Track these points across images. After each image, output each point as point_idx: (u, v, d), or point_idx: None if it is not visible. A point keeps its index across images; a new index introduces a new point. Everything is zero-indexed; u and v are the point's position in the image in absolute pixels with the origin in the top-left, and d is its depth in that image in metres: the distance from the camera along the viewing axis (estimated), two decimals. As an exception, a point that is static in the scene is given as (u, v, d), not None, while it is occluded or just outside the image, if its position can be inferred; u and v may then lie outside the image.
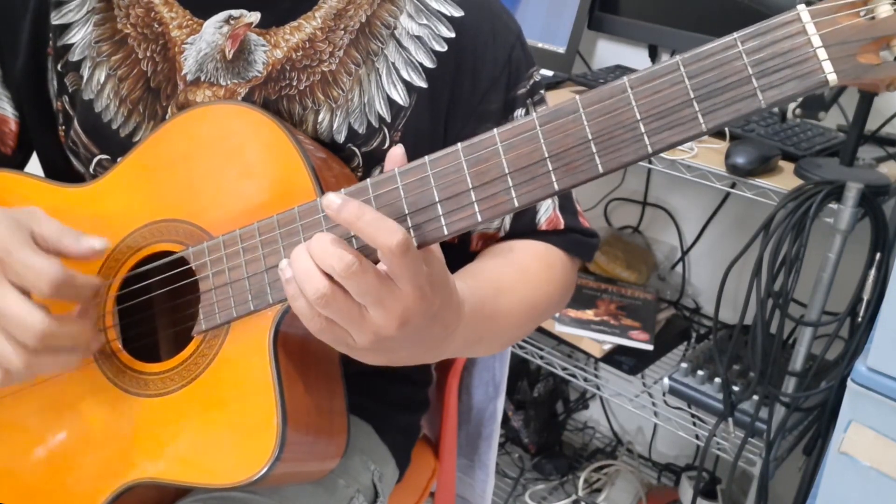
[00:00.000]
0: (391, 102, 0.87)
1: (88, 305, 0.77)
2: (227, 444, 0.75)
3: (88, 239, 0.75)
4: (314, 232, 0.70)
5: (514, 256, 0.89)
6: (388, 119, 0.87)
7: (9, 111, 0.94)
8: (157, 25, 0.88)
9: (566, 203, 0.95)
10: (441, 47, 0.87)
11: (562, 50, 1.83)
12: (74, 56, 0.89)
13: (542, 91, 0.94)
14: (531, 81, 0.92)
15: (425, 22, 0.88)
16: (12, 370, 0.71)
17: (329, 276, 0.62)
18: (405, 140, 0.87)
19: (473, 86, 0.88)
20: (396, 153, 0.65)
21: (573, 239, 0.94)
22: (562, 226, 0.93)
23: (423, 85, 0.87)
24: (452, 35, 0.88)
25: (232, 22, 0.86)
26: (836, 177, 1.32)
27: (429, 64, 0.87)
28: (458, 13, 0.88)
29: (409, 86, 0.87)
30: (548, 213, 0.92)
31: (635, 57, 1.90)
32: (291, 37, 0.86)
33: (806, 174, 1.38)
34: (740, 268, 1.41)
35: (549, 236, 0.93)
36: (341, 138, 0.86)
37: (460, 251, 0.94)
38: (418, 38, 0.87)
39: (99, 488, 0.79)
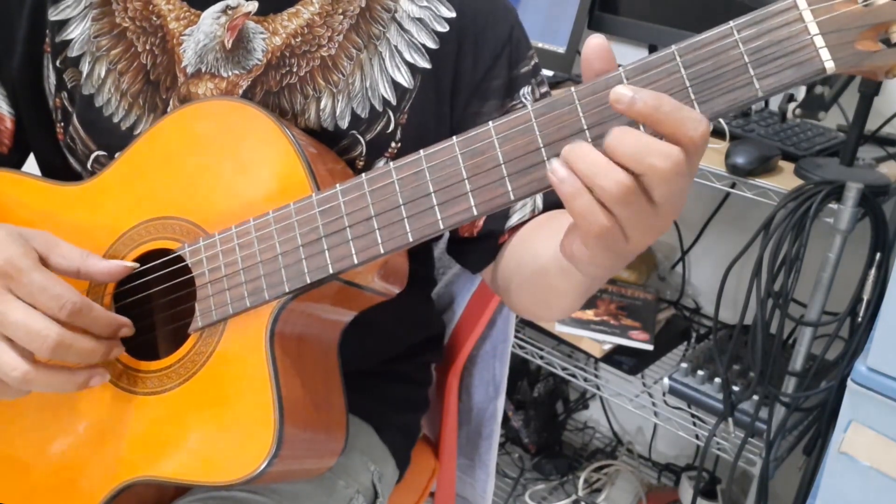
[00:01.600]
0: (396, 85, 0.87)
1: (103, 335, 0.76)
2: (224, 441, 0.75)
3: (115, 260, 0.77)
4: (309, 227, 0.70)
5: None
6: (394, 102, 0.87)
7: (4, 109, 0.94)
8: (154, 18, 0.88)
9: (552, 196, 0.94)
10: (442, 28, 0.88)
11: (562, 50, 1.83)
12: (73, 52, 0.89)
13: (542, 73, 0.94)
14: (533, 62, 0.93)
15: (425, 4, 0.89)
16: (9, 381, 0.70)
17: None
18: (411, 121, 0.88)
19: (475, 63, 0.89)
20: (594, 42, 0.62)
21: None
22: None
23: (427, 66, 0.88)
24: (453, 15, 0.89)
25: (230, 12, 0.86)
26: (836, 177, 1.32)
27: (431, 45, 0.88)
28: None
29: (412, 68, 0.88)
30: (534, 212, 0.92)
31: (635, 57, 1.88)
32: (290, 23, 0.86)
33: (806, 174, 1.38)
34: (740, 268, 1.41)
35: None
36: (345, 124, 0.87)
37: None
38: (419, 20, 0.88)
39: (98, 486, 0.79)
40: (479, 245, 0.92)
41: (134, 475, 0.78)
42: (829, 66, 0.55)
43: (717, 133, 1.55)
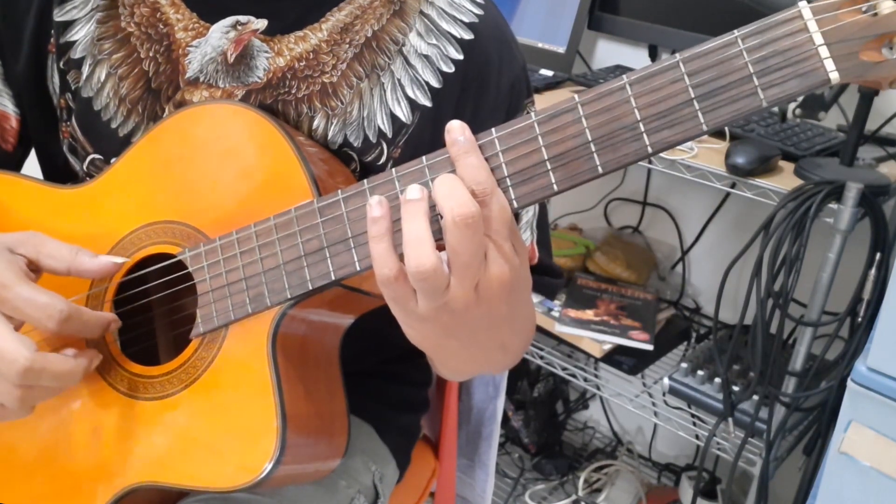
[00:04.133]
0: (394, 118, 0.86)
1: (91, 340, 0.76)
2: (227, 446, 0.75)
3: (104, 256, 0.75)
4: (312, 235, 0.70)
5: None
6: (390, 135, 0.86)
7: (10, 108, 0.94)
8: (162, 26, 0.87)
9: (543, 237, 0.96)
10: (448, 68, 0.87)
11: (562, 50, 1.83)
12: (76, 53, 0.89)
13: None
14: (526, 111, 0.92)
15: (434, 42, 0.87)
16: (8, 406, 0.70)
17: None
18: (404, 157, 0.87)
19: (475, 111, 0.88)
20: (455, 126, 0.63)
21: (544, 282, 0.96)
22: (535, 261, 0.94)
23: (428, 104, 0.87)
24: (461, 57, 0.87)
25: (239, 28, 0.86)
26: (836, 177, 1.32)
27: (435, 84, 0.87)
28: (468, 36, 0.88)
29: (413, 103, 0.87)
30: (527, 243, 0.93)
31: (635, 57, 1.90)
32: (296, 46, 0.86)
33: (806, 174, 1.38)
34: (740, 268, 1.41)
35: None
36: (335, 147, 0.86)
37: None
38: (426, 56, 0.87)
39: (99, 492, 0.79)
40: None
41: (135, 481, 0.78)
42: (834, 76, 0.55)
43: (718, 133, 1.55)
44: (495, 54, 0.89)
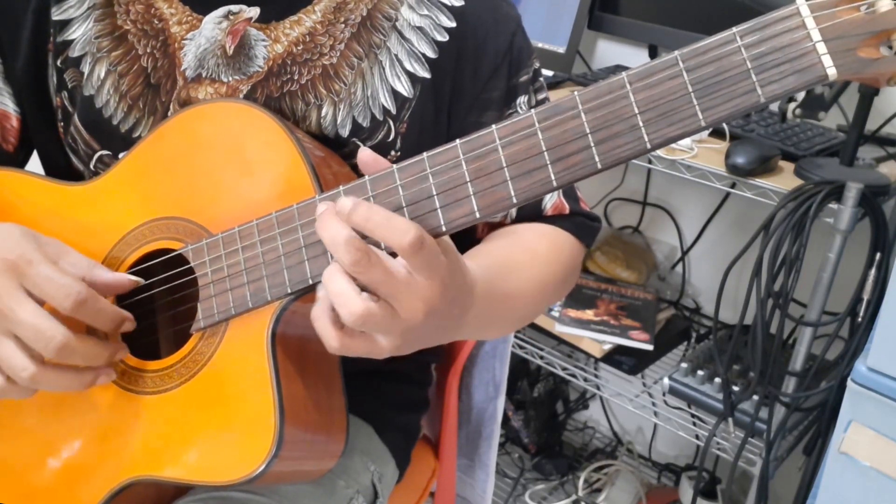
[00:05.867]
0: (396, 94, 0.87)
1: (109, 332, 0.78)
2: (224, 441, 0.75)
3: (120, 273, 0.77)
4: (313, 229, 0.70)
5: (520, 237, 0.90)
6: (394, 111, 0.87)
7: (10, 107, 0.94)
8: (156, 21, 0.88)
9: (569, 190, 0.96)
10: (442, 37, 0.88)
11: (562, 50, 1.83)
12: (75, 52, 0.90)
13: (541, 78, 0.95)
14: (532, 68, 0.93)
15: (426, 12, 0.88)
16: (18, 380, 0.71)
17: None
18: (411, 131, 0.88)
19: (475, 75, 0.89)
20: (366, 156, 0.66)
21: (579, 222, 0.95)
22: (567, 211, 0.94)
23: (427, 75, 0.88)
24: (453, 25, 0.88)
25: (231, 17, 0.86)
26: (836, 177, 1.32)
27: (431, 54, 0.88)
28: (458, 2, 0.89)
29: (412, 77, 0.87)
30: (553, 199, 0.93)
31: (635, 57, 1.90)
32: (291, 31, 0.86)
33: (806, 174, 1.38)
34: (740, 268, 1.41)
35: (555, 220, 0.94)
36: (345, 132, 0.87)
37: (466, 238, 0.94)
38: (420, 28, 0.88)
39: (98, 485, 0.79)
40: None
41: (134, 475, 0.78)
42: (832, 72, 0.55)
43: (718, 133, 1.55)
44: (487, 16, 0.90)
